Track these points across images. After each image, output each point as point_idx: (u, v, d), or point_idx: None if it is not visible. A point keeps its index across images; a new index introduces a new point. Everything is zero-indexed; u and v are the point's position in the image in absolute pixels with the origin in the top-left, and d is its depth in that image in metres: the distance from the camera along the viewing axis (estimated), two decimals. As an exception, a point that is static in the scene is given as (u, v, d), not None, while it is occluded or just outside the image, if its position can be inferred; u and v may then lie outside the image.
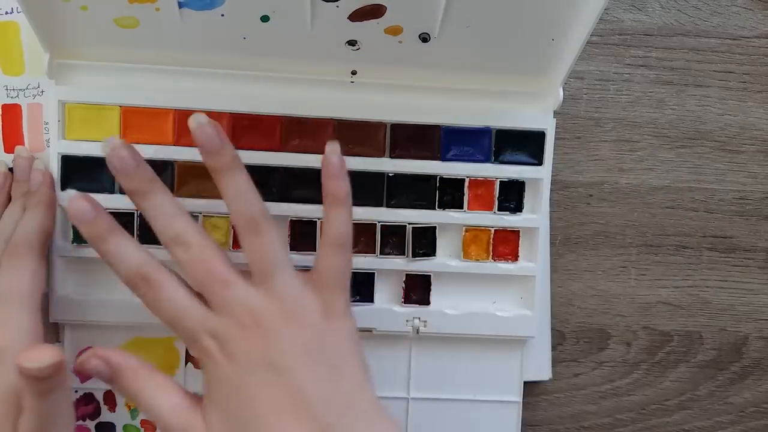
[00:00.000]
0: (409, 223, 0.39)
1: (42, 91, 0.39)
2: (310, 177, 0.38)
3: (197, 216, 0.38)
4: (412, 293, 0.40)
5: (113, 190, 0.38)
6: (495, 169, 0.39)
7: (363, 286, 0.39)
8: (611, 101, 0.43)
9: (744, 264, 0.44)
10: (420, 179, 0.39)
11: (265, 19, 0.35)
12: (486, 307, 0.40)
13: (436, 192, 0.39)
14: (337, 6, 0.34)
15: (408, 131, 0.39)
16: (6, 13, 0.38)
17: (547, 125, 0.39)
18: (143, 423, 0.39)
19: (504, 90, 0.39)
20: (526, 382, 0.42)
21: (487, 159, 0.39)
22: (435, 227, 0.39)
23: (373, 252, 0.39)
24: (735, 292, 0.45)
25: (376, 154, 0.39)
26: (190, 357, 0.40)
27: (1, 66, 0.38)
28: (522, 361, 0.41)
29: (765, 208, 0.44)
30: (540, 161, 0.40)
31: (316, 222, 0.39)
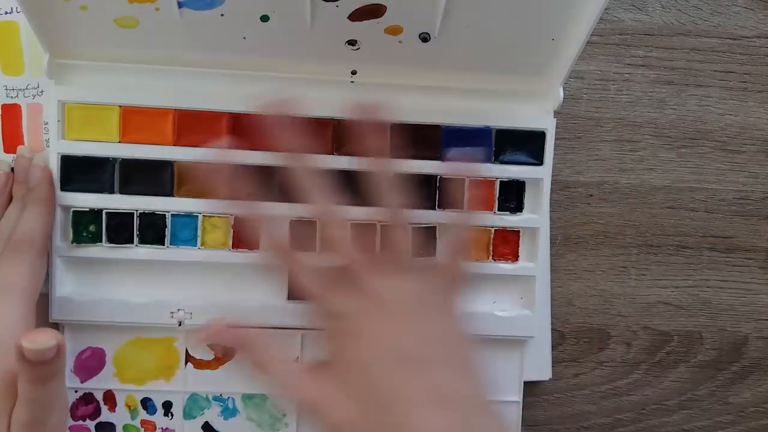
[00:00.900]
0: (409, 223, 0.39)
1: (42, 91, 0.39)
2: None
3: (197, 216, 0.38)
4: (412, 293, 0.40)
5: (113, 190, 0.38)
6: (495, 169, 0.39)
7: (363, 286, 0.39)
8: (611, 101, 0.43)
9: (744, 264, 0.44)
10: (420, 179, 0.39)
11: (265, 19, 0.35)
12: (486, 307, 0.40)
13: (436, 192, 0.39)
14: (337, 6, 0.34)
15: (408, 131, 0.39)
16: (6, 13, 0.38)
17: (548, 125, 0.39)
18: (143, 423, 0.39)
19: (504, 90, 0.39)
20: (526, 382, 0.41)
21: (487, 159, 0.39)
22: (435, 227, 0.39)
23: (373, 252, 0.39)
24: (735, 292, 0.44)
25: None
26: (189, 357, 0.40)
27: (1, 66, 0.38)
28: (522, 361, 0.41)
29: (765, 208, 0.44)
30: (540, 161, 0.39)
31: (316, 222, 0.39)
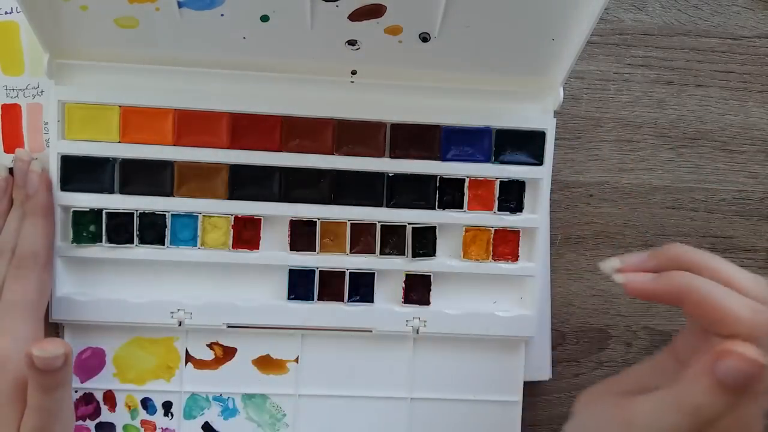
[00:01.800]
0: (409, 223, 0.39)
1: (42, 91, 0.39)
2: (310, 177, 0.38)
3: (197, 216, 0.38)
4: (412, 293, 0.40)
5: (113, 190, 0.38)
6: (495, 169, 0.39)
7: (363, 286, 0.39)
8: (611, 101, 0.43)
9: (744, 264, 0.44)
10: (420, 179, 0.39)
11: (265, 19, 0.35)
12: (486, 307, 0.40)
13: (436, 192, 0.39)
14: (337, 6, 0.34)
15: (408, 131, 0.39)
16: (6, 13, 0.38)
17: (548, 125, 0.39)
18: (143, 423, 0.39)
19: (504, 90, 0.39)
20: (526, 382, 0.41)
21: (487, 159, 0.39)
22: (435, 227, 0.39)
23: (373, 252, 0.39)
24: (735, 292, 0.44)
25: (376, 154, 0.39)
26: (189, 357, 0.39)
27: (1, 66, 0.38)
28: (522, 361, 0.41)
29: (765, 208, 0.44)
30: (540, 161, 0.39)
31: (316, 222, 0.39)
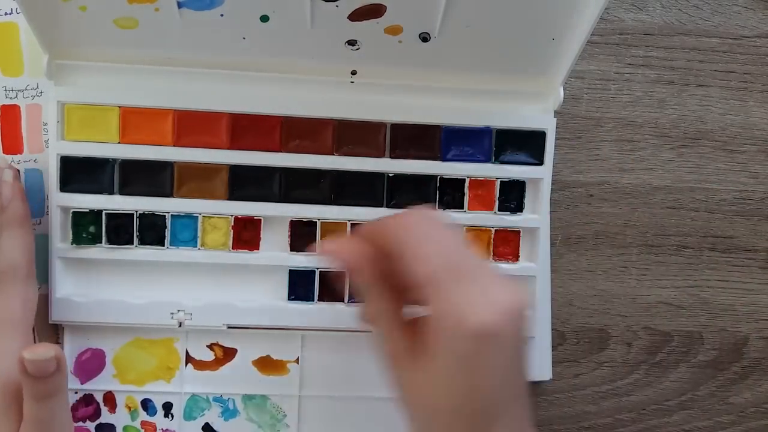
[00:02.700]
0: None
1: (41, 92, 0.39)
2: (310, 177, 0.38)
3: (197, 217, 0.38)
4: (413, 294, 0.40)
5: (112, 190, 0.37)
6: (495, 169, 0.39)
7: (363, 287, 0.39)
8: (612, 101, 0.43)
9: (745, 264, 0.44)
10: (420, 179, 0.39)
11: (264, 19, 0.35)
12: (486, 308, 0.40)
13: (436, 192, 0.39)
14: (336, 6, 0.34)
15: (408, 131, 0.39)
16: (5, 13, 0.38)
17: (548, 125, 0.39)
18: (143, 424, 0.39)
19: (504, 90, 0.39)
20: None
21: (487, 159, 0.39)
22: (435, 227, 0.39)
23: (373, 252, 0.39)
24: (735, 293, 0.44)
25: (376, 154, 0.39)
26: (190, 358, 0.39)
27: (0, 67, 0.38)
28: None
29: (766, 208, 0.44)
30: (540, 161, 0.39)
31: (316, 222, 0.39)
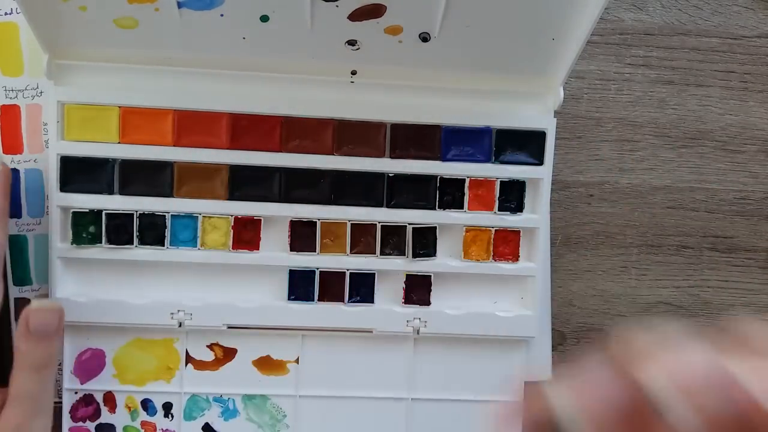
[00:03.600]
0: (409, 224, 0.39)
1: (41, 92, 0.39)
2: (310, 177, 0.38)
3: (197, 217, 0.38)
4: (413, 293, 0.40)
5: (112, 191, 0.37)
6: (495, 169, 0.39)
7: (363, 287, 0.39)
8: (612, 101, 0.43)
9: (745, 264, 0.44)
10: (420, 179, 0.39)
11: (264, 19, 0.35)
12: (486, 308, 0.40)
13: (436, 192, 0.39)
14: (336, 6, 0.34)
15: (408, 131, 0.39)
16: (5, 13, 0.38)
17: (548, 125, 0.39)
18: (143, 424, 0.39)
19: (504, 90, 0.39)
20: (526, 382, 0.41)
21: (487, 159, 0.39)
22: (435, 227, 0.39)
23: (373, 252, 0.39)
24: (735, 293, 0.44)
25: (376, 154, 0.39)
26: (190, 358, 0.39)
27: (0, 67, 0.38)
28: (523, 362, 0.41)
29: (766, 208, 0.44)
30: (540, 161, 0.39)
31: (316, 222, 0.39)
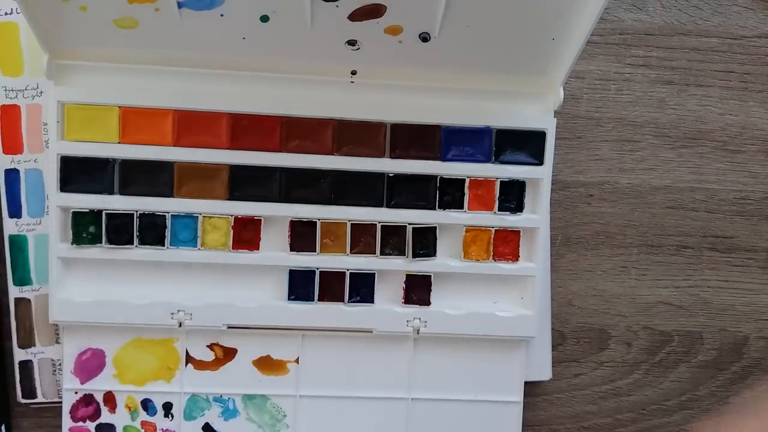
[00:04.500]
0: (409, 224, 0.39)
1: (41, 92, 0.39)
2: (310, 177, 0.38)
3: (197, 217, 0.38)
4: (413, 293, 0.40)
5: (112, 190, 0.37)
6: (495, 169, 0.39)
7: (363, 287, 0.39)
8: (612, 101, 0.43)
9: (744, 264, 0.44)
10: (420, 179, 0.39)
11: (264, 19, 0.35)
12: (487, 308, 0.40)
13: (436, 192, 0.39)
14: (337, 6, 0.34)
15: (408, 131, 0.39)
16: (5, 14, 0.38)
17: (548, 125, 0.39)
18: (143, 424, 0.39)
19: (504, 90, 0.39)
20: (526, 382, 0.41)
21: (487, 159, 0.39)
22: (435, 227, 0.39)
23: (373, 252, 0.39)
24: (735, 292, 0.44)
25: (376, 154, 0.39)
26: (190, 358, 0.39)
27: (0, 67, 0.38)
28: (522, 361, 0.41)
29: (766, 208, 0.44)
30: (540, 161, 0.39)
31: (316, 222, 0.39)
